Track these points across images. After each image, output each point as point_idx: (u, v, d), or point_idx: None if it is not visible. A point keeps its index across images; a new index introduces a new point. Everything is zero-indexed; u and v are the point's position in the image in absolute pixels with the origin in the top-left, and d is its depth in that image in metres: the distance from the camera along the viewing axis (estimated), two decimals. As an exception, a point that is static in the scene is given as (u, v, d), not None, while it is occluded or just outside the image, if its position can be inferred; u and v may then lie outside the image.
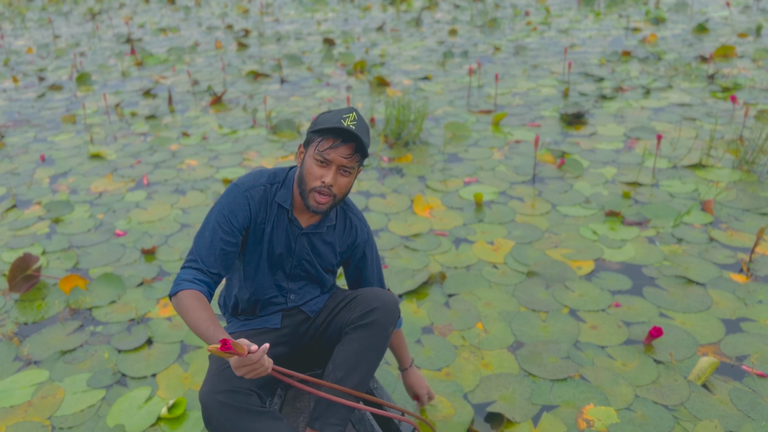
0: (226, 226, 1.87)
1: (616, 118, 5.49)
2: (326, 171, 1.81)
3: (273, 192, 1.94)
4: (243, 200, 1.89)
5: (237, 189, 1.91)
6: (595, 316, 2.98)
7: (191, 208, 4.34)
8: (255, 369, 1.54)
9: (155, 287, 3.43)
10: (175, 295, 1.79)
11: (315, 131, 1.82)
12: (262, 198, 1.92)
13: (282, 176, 1.97)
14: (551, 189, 4.27)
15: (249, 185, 1.92)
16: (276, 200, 1.93)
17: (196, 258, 1.86)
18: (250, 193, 1.90)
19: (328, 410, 1.89)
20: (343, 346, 1.93)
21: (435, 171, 4.68)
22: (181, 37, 10.74)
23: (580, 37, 8.63)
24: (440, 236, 3.78)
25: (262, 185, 1.93)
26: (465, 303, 3.13)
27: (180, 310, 1.76)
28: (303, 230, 1.99)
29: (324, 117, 1.83)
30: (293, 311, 2.11)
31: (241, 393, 1.73)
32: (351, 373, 1.89)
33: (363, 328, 1.91)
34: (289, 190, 1.95)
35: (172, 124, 6.09)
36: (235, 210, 1.88)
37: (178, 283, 1.81)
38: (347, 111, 1.84)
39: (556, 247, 3.58)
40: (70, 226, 4.15)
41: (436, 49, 8.61)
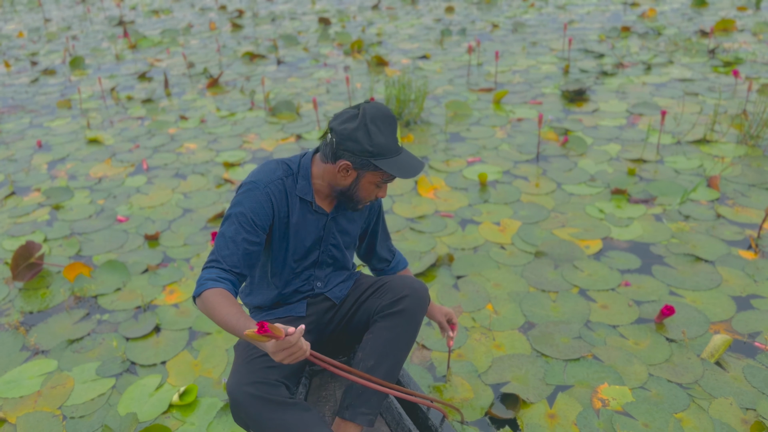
0: (248, 226, 1.82)
1: (618, 94, 5.45)
2: (384, 189, 1.89)
3: (291, 184, 1.89)
4: (264, 198, 1.84)
5: (255, 187, 1.84)
6: (605, 295, 2.96)
7: (192, 192, 4.30)
8: (293, 353, 1.50)
9: (160, 274, 3.40)
10: (200, 296, 1.73)
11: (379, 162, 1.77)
12: (282, 192, 1.87)
13: (296, 166, 1.91)
14: (555, 167, 4.24)
15: (267, 181, 1.86)
16: (297, 194, 1.89)
17: (218, 258, 1.80)
18: (269, 189, 1.85)
19: (359, 399, 1.87)
20: (373, 334, 1.90)
21: (437, 151, 4.64)
22: (174, 18, 10.61)
23: (578, 12, 8.55)
24: (446, 217, 3.75)
25: (279, 179, 1.87)
26: (474, 284, 3.11)
27: (206, 309, 1.70)
28: (330, 215, 1.96)
29: (380, 142, 1.75)
30: (318, 298, 2.08)
31: (269, 384, 1.71)
32: (381, 361, 1.86)
33: (393, 316, 1.88)
34: (308, 180, 1.90)
35: (169, 108, 6.02)
36: (256, 209, 1.82)
37: (201, 283, 1.74)
38: (394, 125, 1.80)
39: (563, 226, 3.56)
40: (71, 213, 4.11)
41: (433, 27, 8.52)
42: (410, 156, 1.82)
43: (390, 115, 1.79)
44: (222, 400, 2.49)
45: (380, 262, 2.30)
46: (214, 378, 2.62)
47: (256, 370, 1.73)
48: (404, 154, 1.81)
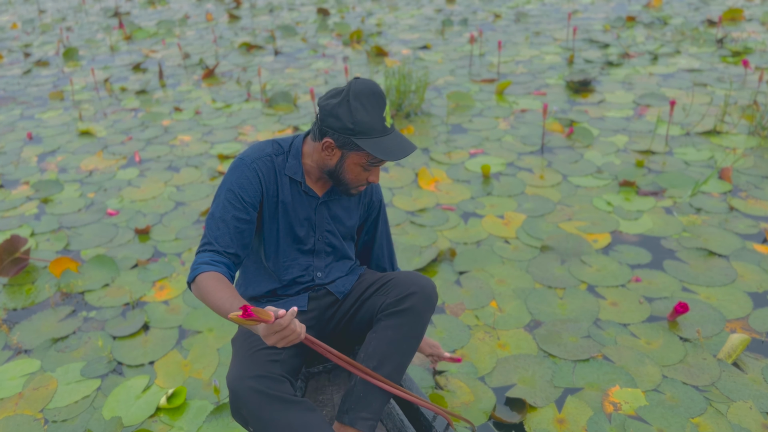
0: (237, 203, 1.74)
1: (624, 85, 5.30)
2: (374, 173, 1.76)
3: (281, 163, 1.80)
4: (251, 173, 1.75)
5: (242, 162, 1.77)
6: (615, 292, 2.83)
7: (186, 185, 4.16)
8: (286, 336, 1.42)
9: (150, 269, 3.27)
10: (194, 281, 1.66)
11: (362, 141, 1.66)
12: (270, 169, 1.78)
13: (287, 145, 1.83)
14: (561, 159, 4.10)
15: (255, 157, 1.78)
16: (286, 173, 1.80)
17: (209, 240, 1.73)
18: (257, 165, 1.76)
19: (359, 403, 1.75)
20: (376, 333, 1.78)
21: (439, 143, 4.50)
22: (171, 9, 10.45)
23: (582, 2, 8.39)
24: (447, 211, 3.61)
25: (268, 155, 1.79)
26: (477, 280, 2.98)
27: (200, 294, 1.62)
28: (321, 199, 1.86)
29: (363, 120, 1.65)
30: (321, 293, 1.96)
31: (272, 379, 1.61)
32: (385, 362, 1.75)
33: (398, 315, 1.77)
34: (298, 160, 1.80)
35: (164, 99, 5.87)
36: (244, 184, 1.74)
37: (194, 268, 1.67)
38: (382, 103, 1.68)
39: (570, 219, 3.42)
40: (60, 206, 3.97)
41: (434, 17, 8.37)
42: (399, 137, 1.70)
43: (377, 91, 1.68)
44: (212, 402, 2.36)
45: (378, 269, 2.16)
46: (204, 379, 2.48)
47: (260, 363, 1.64)
48: (392, 136, 1.69)
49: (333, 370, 2.07)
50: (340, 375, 2.06)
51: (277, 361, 1.68)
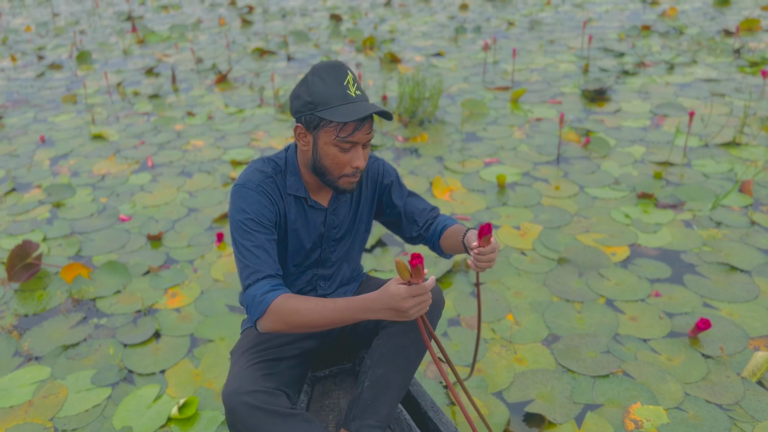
0: (261, 228, 1.67)
1: (641, 94, 5.25)
2: (354, 154, 1.63)
3: (282, 182, 1.74)
4: (261, 196, 1.69)
5: (247, 189, 1.69)
6: (634, 306, 2.77)
7: (198, 191, 4.13)
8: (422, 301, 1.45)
9: (162, 276, 3.23)
10: (267, 312, 1.58)
11: (322, 113, 1.58)
12: (275, 190, 1.72)
13: (282, 162, 1.76)
14: (577, 169, 4.04)
15: (258, 181, 1.70)
16: (289, 192, 1.74)
17: (256, 269, 1.64)
18: (263, 187, 1.70)
19: (367, 410, 1.71)
20: (382, 339, 1.74)
21: (453, 151, 4.46)
22: (183, 14, 10.47)
23: (596, 11, 8.34)
24: (463, 221, 3.57)
25: (270, 177, 1.72)
26: (493, 293, 2.93)
27: (285, 317, 1.56)
28: (328, 210, 1.81)
29: (322, 92, 1.58)
30: None
31: (268, 393, 1.58)
32: (392, 369, 1.71)
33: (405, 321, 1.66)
34: (297, 176, 1.74)
35: (177, 104, 5.86)
36: (259, 209, 1.68)
37: (259, 300, 1.59)
38: (340, 73, 1.60)
39: (587, 231, 3.37)
40: (72, 211, 3.95)
41: (447, 24, 8.34)
42: (366, 104, 1.59)
43: (336, 64, 1.61)
44: (223, 413, 2.31)
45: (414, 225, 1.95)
46: (216, 390, 2.45)
47: (255, 378, 1.61)
48: (358, 103, 1.58)
49: (339, 374, 2.05)
50: (346, 379, 2.04)
51: (273, 374, 1.67)
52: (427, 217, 1.94)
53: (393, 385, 1.70)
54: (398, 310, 1.46)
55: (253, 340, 1.80)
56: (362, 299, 1.51)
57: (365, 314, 1.51)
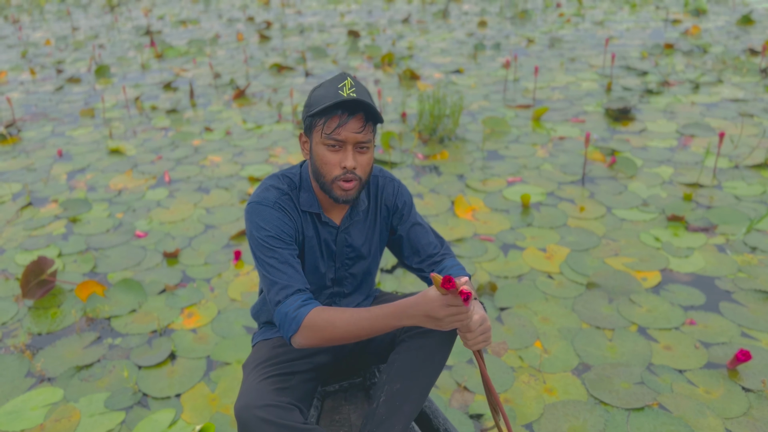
0: (284, 244, 1.66)
1: (666, 114, 5.14)
2: (343, 154, 1.61)
3: (297, 198, 1.73)
4: (280, 213, 1.68)
5: (263, 206, 1.68)
6: (668, 335, 2.66)
7: (216, 207, 4.07)
8: (461, 313, 1.41)
9: (178, 294, 3.16)
10: (301, 328, 1.56)
11: (314, 114, 1.58)
12: (292, 207, 1.72)
13: (297, 178, 1.75)
14: (604, 190, 3.94)
15: (275, 198, 1.69)
16: (304, 209, 1.73)
17: (285, 285, 1.62)
18: (280, 204, 1.69)
19: (381, 426, 1.66)
20: (399, 354, 1.69)
21: (474, 169, 4.37)
22: (202, 29, 10.50)
23: (617, 29, 8.26)
24: (486, 241, 3.47)
25: (286, 194, 1.71)
26: (520, 318, 2.83)
27: (320, 331, 1.55)
28: (340, 228, 1.79)
29: (318, 94, 1.59)
30: None
31: (282, 408, 1.54)
32: (409, 384, 1.66)
33: (422, 335, 1.66)
34: (310, 191, 1.74)
35: (194, 119, 5.82)
36: (279, 225, 1.66)
37: (292, 317, 1.57)
38: (340, 78, 1.60)
39: (616, 255, 3.26)
40: (88, 227, 3.90)
41: (465, 41, 8.28)
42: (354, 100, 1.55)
43: (340, 73, 1.62)
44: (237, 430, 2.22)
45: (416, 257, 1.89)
46: (233, 416, 2.35)
47: (268, 392, 1.59)
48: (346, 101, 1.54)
49: (349, 389, 2.02)
50: (356, 394, 2.01)
51: (286, 389, 1.65)
52: (431, 253, 1.87)
53: (409, 401, 1.66)
54: (434, 317, 1.43)
55: (265, 353, 1.79)
56: (398, 304, 1.48)
57: (401, 320, 1.49)
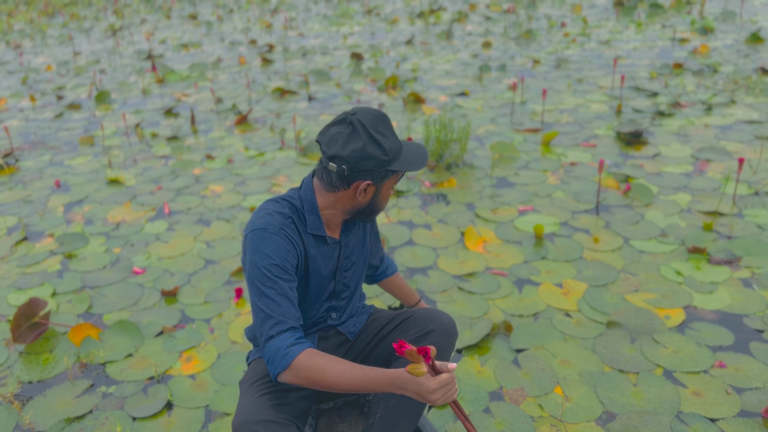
0: (284, 274, 1.67)
1: (680, 137, 4.99)
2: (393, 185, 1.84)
3: (301, 222, 1.77)
4: (284, 241, 1.69)
5: (269, 233, 1.68)
6: (697, 379, 2.49)
7: (216, 241, 3.92)
8: (451, 391, 1.42)
9: (177, 337, 3.01)
10: (290, 367, 1.57)
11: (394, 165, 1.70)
12: (296, 232, 1.75)
13: (298, 202, 1.79)
14: (619, 219, 3.79)
15: (279, 224, 1.71)
16: (309, 232, 1.77)
17: (280, 320, 1.62)
18: (285, 231, 1.70)
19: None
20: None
21: (484, 198, 4.22)
22: (204, 52, 10.43)
23: (624, 48, 8.14)
24: (499, 276, 3.32)
25: (289, 218, 1.74)
26: (537, 360, 2.66)
27: (307, 377, 1.55)
28: (341, 242, 1.88)
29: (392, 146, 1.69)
30: (330, 333, 1.97)
31: (279, 424, 1.58)
32: (404, 401, 1.70)
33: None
34: (316, 214, 1.78)
35: (195, 146, 5.70)
36: (283, 254, 1.67)
37: (284, 353, 1.57)
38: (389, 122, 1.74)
39: (636, 290, 3.10)
40: (84, 263, 3.75)
41: (470, 62, 8.18)
42: (410, 144, 1.78)
43: (382, 114, 1.71)
44: None
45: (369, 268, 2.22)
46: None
47: (266, 408, 1.61)
48: (407, 146, 1.76)
49: (343, 407, 2.03)
50: (350, 412, 2.02)
51: (283, 405, 1.66)
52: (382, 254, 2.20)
53: (405, 417, 1.70)
54: (425, 398, 1.42)
55: (262, 371, 1.79)
56: (392, 374, 1.47)
57: (391, 389, 1.48)
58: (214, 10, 16.48)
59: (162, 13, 16.77)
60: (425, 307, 1.94)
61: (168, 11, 17.12)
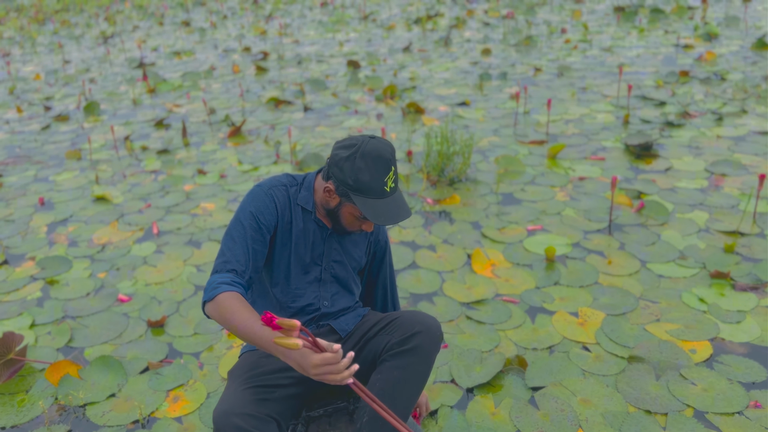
0: (255, 224, 1.79)
1: (691, 149, 4.79)
2: (366, 224, 1.83)
3: (294, 193, 1.89)
4: (268, 199, 1.82)
5: (260, 189, 1.85)
6: (731, 421, 2.29)
7: (207, 264, 3.70)
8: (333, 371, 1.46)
9: (163, 374, 2.78)
10: (213, 300, 1.66)
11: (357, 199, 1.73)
12: (285, 197, 1.86)
13: (300, 178, 1.92)
14: (634, 240, 3.58)
15: (271, 185, 1.86)
16: (298, 203, 1.87)
17: (228, 260, 1.75)
18: (273, 192, 1.84)
19: None
20: (382, 374, 1.76)
21: (490, 216, 4.01)
22: (196, 60, 10.21)
23: (627, 55, 7.95)
24: (509, 303, 3.10)
25: (283, 185, 1.88)
26: (556, 400, 2.45)
27: (221, 314, 1.63)
28: (330, 230, 1.92)
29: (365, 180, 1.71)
30: (323, 330, 1.97)
31: (259, 419, 1.60)
32: (391, 403, 1.71)
33: (404, 355, 1.76)
34: (310, 192, 1.89)
35: (187, 160, 5.47)
36: (261, 208, 1.80)
37: (214, 287, 1.67)
38: (385, 168, 1.73)
39: (658, 320, 2.89)
40: (66, 290, 3.53)
41: (470, 70, 7.97)
42: (396, 202, 1.76)
43: (385, 156, 1.73)
44: None
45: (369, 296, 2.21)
46: None
47: (249, 401, 1.63)
48: (389, 200, 1.75)
49: (333, 413, 2.04)
50: (341, 418, 2.02)
51: (268, 401, 1.67)
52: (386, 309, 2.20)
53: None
54: (305, 370, 1.48)
55: (251, 363, 1.81)
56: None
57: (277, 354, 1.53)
58: (207, 17, 16.25)
59: (155, 20, 16.52)
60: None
61: (161, 18, 16.88)
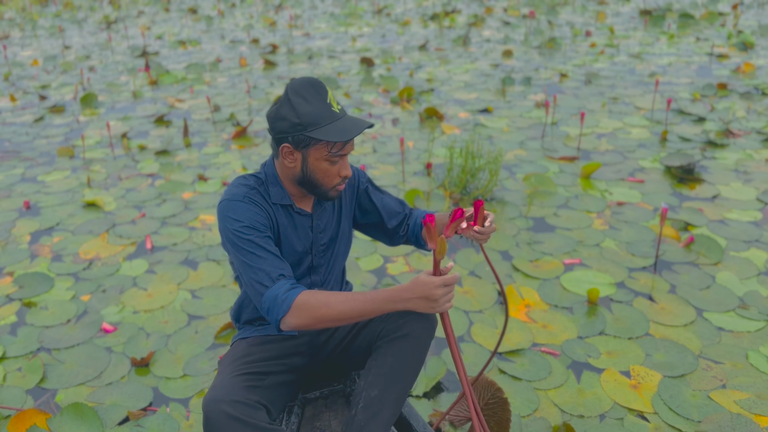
0: (258, 233, 1.68)
1: (739, 174, 4.37)
2: (342, 165, 1.72)
3: (265, 193, 1.78)
4: (251, 206, 1.70)
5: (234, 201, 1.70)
6: None
7: (203, 290, 3.30)
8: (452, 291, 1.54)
9: (145, 426, 2.40)
10: (292, 308, 1.57)
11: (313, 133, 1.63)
12: (262, 200, 1.75)
13: (262, 175, 1.81)
14: (686, 282, 3.17)
15: (243, 193, 1.72)
16: (275, 202, 1.78)
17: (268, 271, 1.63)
18: (250, 197, 1.72)
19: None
20: (376, 360, 1.73)
21: (521, 244, 3.60)
22: (202, 51, 9.79)
23: (658, 63, 7.51)
24: (549, 355, 2.70)
25: (254, 188, 1.76)
26: (611, 491, 2.05)
27: (312, 314, 1.57)
28: (313, 215, 1.86)
29: (308, 111, 1.63)
30: None
31: (249, 405, 1.55)
32: (387, 390, 1.68)
33: (399, 340, 1.71)
34: (279, 186, 1.79)
35: (187, 163, 5.07)
36: (251, 216, 1.69)
37: (282, 299, 1.58)
38: (322, 91, 1.66)
39: (724, 386, 2.48)
40: (44, 315, 3.13)
41: (491, 73, 7.55)
42: (351, 119, 1.68)
43: (315, 82, 1.66)
44: None
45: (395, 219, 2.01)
46: None
47: (239, 388, 1.59)
48: (344, 119, 1.67)
49: (330, 396, 2.02)
50: (337, 401, 2.00)
51: (258, 387, 1.65)
52: (404, 211, 2.03)
53: (387, 407, 1.68)
54: (430, 298, 1.51)
55: (242, 351, 1.79)
56: (393, 289, 1.55)
57: (396, 304, 1.55)
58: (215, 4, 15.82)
59: (160, 5, 16.10)
60: None
61: (167, 3, 16.47)
